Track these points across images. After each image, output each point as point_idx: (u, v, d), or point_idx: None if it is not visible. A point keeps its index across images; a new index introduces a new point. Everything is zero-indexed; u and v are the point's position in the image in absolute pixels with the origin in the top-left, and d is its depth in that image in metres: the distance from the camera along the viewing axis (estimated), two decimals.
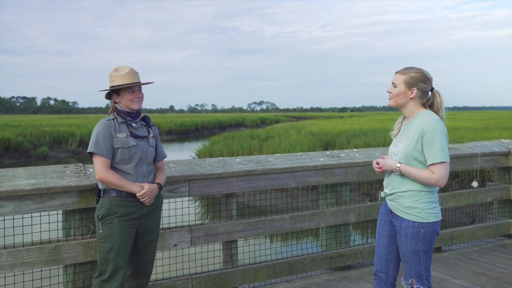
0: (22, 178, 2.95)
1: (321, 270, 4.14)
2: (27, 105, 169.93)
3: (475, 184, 4.88)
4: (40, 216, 2.99)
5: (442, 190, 5.19)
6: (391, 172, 2.74)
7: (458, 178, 11.01)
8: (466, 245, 5.03)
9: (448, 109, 2.81)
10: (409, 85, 2.65)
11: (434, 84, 2.72)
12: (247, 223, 3.70)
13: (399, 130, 2.80)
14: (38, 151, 25.25)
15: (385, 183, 2.81)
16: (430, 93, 2.71)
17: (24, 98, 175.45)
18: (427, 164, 2.57)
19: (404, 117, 2.79)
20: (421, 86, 2.65)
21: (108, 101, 3.02)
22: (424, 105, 2.70)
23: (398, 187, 2.69)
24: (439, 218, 2.66)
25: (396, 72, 2.72)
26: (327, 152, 4.33)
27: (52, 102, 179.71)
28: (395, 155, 2.72)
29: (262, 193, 4.10)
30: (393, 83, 2.71)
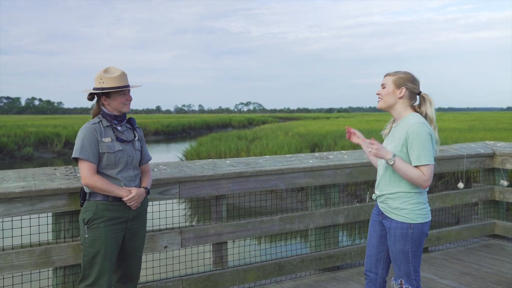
0: (12, 180, 2.93)
1: (310, 271, 4.18)
2: (11, 105, 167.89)
3: (461, 185, 4.96)
4: (30, 218, 2.96)
5: (429, 191, 5.27)
6: (381, 173, 2.79)
7: (443, 179, 11.15)
8: (452, 245, 5.10)
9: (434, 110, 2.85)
10: (398, 85, 2.70)
11: (421, 86, 2.78)
12: (237, 225, 3.72)
13: (389, 130, 2.85)
14: (22, 152, 24.99)
15: (376, 184, 2.86)
16: (418, 97, 2.76)
17: (8, 98, 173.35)
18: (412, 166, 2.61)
19: (394, 119, 2.84)
20: (409, 86, 2.70)
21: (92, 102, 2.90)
22: (413, 108, 2.76)
23: (387, 189, 2.74)
24: (428, 219, 2.71)
25: (386, 74, 2.78)
26: (316, 154, 4.37)
27: (37, 102, 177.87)
28: None
29: (251, 195, 4.12)
30: (382, 84, 2.77)
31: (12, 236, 2.93)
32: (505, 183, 5.20)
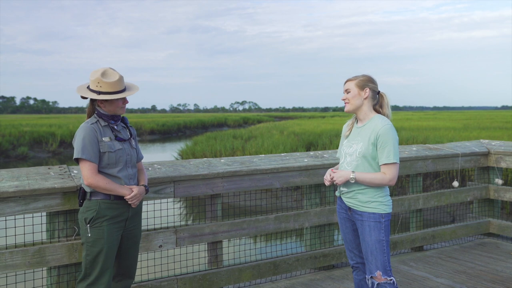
0: (5, 180, 2.92)
1: (305, 270, 4.18)
2: (6, 105, 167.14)
3: (456, 183, 4.98)
4: (24, 218, 2.95)
5: (424, 190, 5.28)
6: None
7: (438, 178, 11.18)
8: (447, 243, 5.12)
9: (429, 109, 2.91)
10: (361, 86, 2.88)
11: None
12: (232, 224, 3.72)
13: (350, 131, 2.99)
14: (17, 152, 24.90)
15: None
16: (377, 96, 2.94)
17: (2, 97, 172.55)
18: (380, 164, 2.79)
19: (357, 120, 2.98)
20: (371, 85, 2.89)
21: (86, 101, 2.87)
22: (375, 108, 2.93)
23: (356, 185, 2.85)
24: (391, 209, 2.89)
25: (347, 81, 2.94)
26: (311, 153, 4.37)
27: (31, 102, 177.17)
28: (350, 155, 2.89)
29: (246, 194, 4.11)
30: (345, 90, 2.93)
31: (6, 236, 2.92)
32: (499, 181, 5.21)
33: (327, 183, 2.90)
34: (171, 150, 25.29)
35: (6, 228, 2.91)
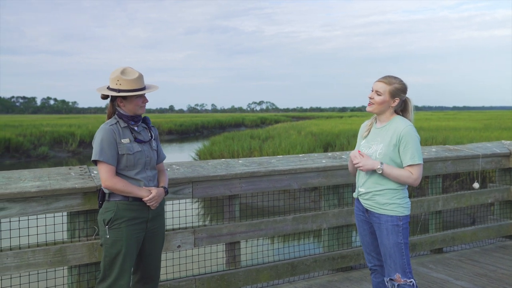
0: (28, 180, 2.97)
1: (323, 271, 4.16)
2: (27, 105, 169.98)
3: (476, 185, 4.91)
4: (45, 217, 3.00)
5: (443, 191, 5.22)
6: (367, 172, 2.85)
7: (458, 179, 11.03)
8: (467, 246, 5.05)
9: (448, 109, 2.89)
10: (393, 95, 2.82)
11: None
12: (250, 225, 3.72)
13: (369, 132, 2.95)
14: (38, 151, 25.28)
15: (359, 183, 2.93)
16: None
17: (24, 98, 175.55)
18: (404, 165, 2.76)
19: (376, 121, 2.94)
20: (402, 96, 2.85)
21: (106, 101, 2.88)
22: (396, 111, 2.89)
23: (374, 186, 2.83)
24: (410, 211, 2.86)
25: (379, 81, 2.84)
26: (329, 154, 4.35)
27: (52, 102, 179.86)
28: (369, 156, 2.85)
29: (264, 195, 4.12)
30: (376, 91, 2.83)
31: (28, 235, 2.97)
32: None
33: (354, 164, 2.85)
34: (188, 150, 25.42)
35: (28, 228, 2.96)
